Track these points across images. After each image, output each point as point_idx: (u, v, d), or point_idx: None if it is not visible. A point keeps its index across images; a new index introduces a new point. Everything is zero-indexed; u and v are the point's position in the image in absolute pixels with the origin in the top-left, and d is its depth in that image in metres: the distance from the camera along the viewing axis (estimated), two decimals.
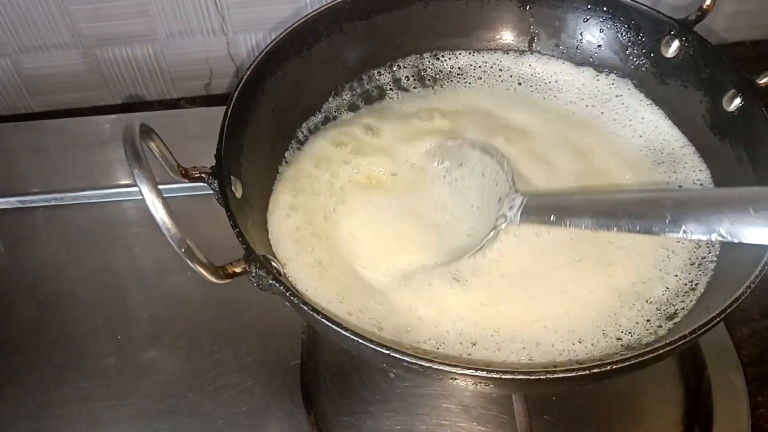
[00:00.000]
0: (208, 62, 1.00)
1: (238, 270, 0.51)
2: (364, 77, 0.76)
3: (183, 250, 0.46)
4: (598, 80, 0.75)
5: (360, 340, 0.48)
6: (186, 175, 0.56)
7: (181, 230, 0.46)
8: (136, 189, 0.44)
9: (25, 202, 0.89)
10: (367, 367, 0.69)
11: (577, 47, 0.77)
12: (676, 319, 0.57)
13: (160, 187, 0.45)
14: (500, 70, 0.78)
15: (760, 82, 0.64)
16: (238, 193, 0.59)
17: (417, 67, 0.78)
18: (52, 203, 0.89)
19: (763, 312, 0.77)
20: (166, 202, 0.45)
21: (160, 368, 0.73)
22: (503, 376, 0.46)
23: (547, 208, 0.57)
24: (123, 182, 0.88)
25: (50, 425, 0.70)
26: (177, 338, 0.75)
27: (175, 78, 1.01)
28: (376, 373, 0.70)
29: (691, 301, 0.58)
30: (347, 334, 0.48)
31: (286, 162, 0.70)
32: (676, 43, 0.70)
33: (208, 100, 1.03)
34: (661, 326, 0.57)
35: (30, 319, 0.78)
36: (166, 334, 0.75)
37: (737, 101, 0.65)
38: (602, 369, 0.46)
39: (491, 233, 0.60)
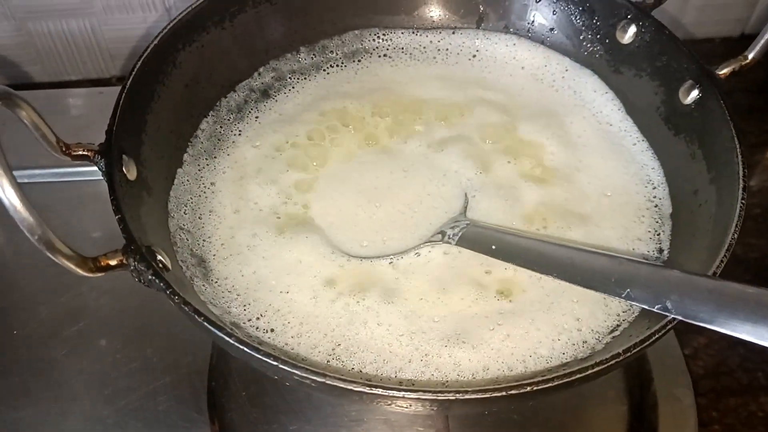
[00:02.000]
0: (149, 40, 0.93)
1: (113, 263, 0.44)
2: (291, 54, 0.69)
3: (37, 237, 0.39)
4: (550, 63, 0.70)
5: (245, 348, 0.41)
6: (68, 152, 0.49)
7: (35, 215, 0.39)
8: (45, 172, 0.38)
9: None
10: None
11: (528, 30, 0.71)
12: (616, 332, 0.51)
13: (54, 170, 0.39)
14: (446, 50, 0.72)
15: (720, 72, 0.58)
16: (131, 175, 0.52)
17: (353, 45, 0.71)
18: None
19: None
20: (16, 181, 0.38)
21: (57, 367, 0.67)
22: (407, 396, 0.40)
23: (490, 240, 0.54)
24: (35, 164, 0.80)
25: None
26: (77, 335, 0.68)
27: (114, 55, 0.95)
28: None
29: (633, 313, 0.53)
30: (230, 340, 0.41)
31: (202, 145, 0.63)
32: (632, 29, 0.65)
33: None
34: (599, 340, 0.52)
35: None
36: (65, 329, 0.69)
37: (694, 93, 0.59)
38: (520, 391, 0.40)
39: (423, 244, 0.56)
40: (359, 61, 0.71)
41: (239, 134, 0.65)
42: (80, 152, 0.50)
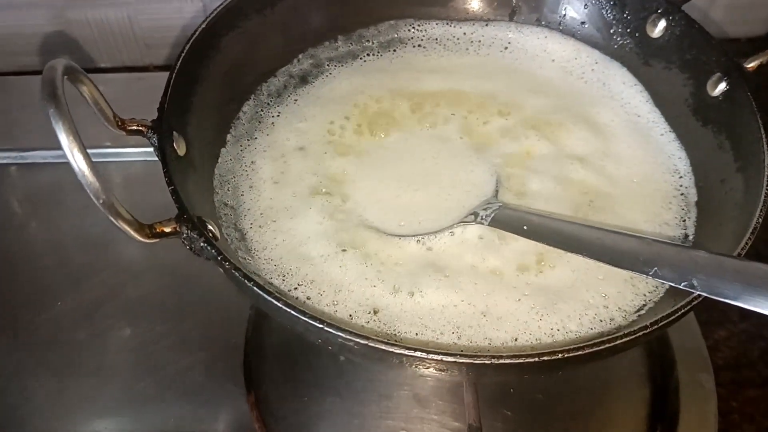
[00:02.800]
0: (184, 29, 0.97)
1: (167, 230, 0.47)
2: (329, 42, 0.72)
3: (101, 201, 0.42)
4: (580, 56, 0.71)
5: (292, 312, 0.43)
6: (123, 126, 0.52)
7: (101, 180, 0.41)
8: (94, 152, 0.41)
9: None
10: (315, 349, 0.65)
11: (559, 23, 0.73)
12: (642, 311, 0.53)
13: (115, 149, 0.41)
14: (479, 41, 0.74)
15: (749, 65, 0.60)
16: (181, 151, 0.55)
17: (388, 35, 0.74)
18: (7, 161, 0.84)
19: (741, 314, 0.73)
20: (85, 149, 0.41)
21: (98, 339, 0.69)
22: (444, 359, 0.42)
23: (521, 221, 0.56)
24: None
25: None
26: (119, 309, 0.71)
27: (150, 45, 0.98)
28: (325, 356, 0.66)
29: (659, 294, 0.54)
30: (278, 304, 0.44)
31: (244, 127, 0.65)
32: (662, 23, 0.66)
33: None
34: (626, 318, 0.53)
35: None
36: (109, 304, 0.71)
37: (722, 86, 0.61)
38: (552, 357, 0.42)
39: (456, 225, 0.58)
40: (394, 50, 0.74)
41: (278, 116, 0.67)
42: (134, 127, 0.52)
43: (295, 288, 0.55)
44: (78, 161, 0.41)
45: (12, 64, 0.97)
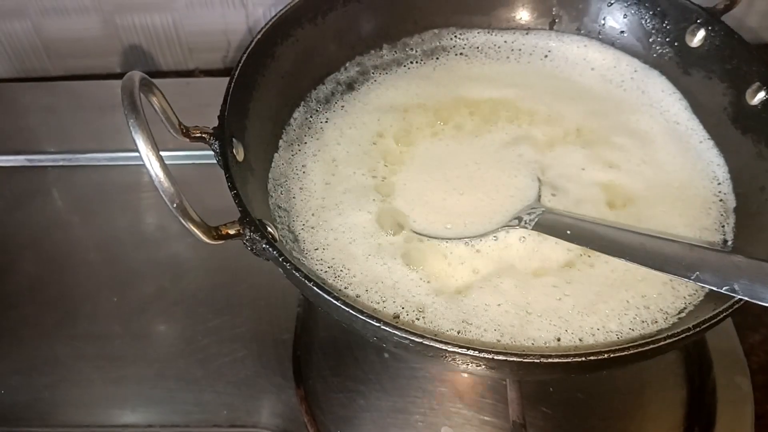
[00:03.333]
0: (227, 35, 0.99)
1: (231, 232, 0.49)
2: (375, 51, 0.74)
3: (175, 205, 0.45)
4: (619, 64, 0.73)
5: (350, 311, 0.46)
6: (187, 134, 0.55)
7: (175, 185, 0.44)
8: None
9: (33, 160, 0.88)
10: (361, 345, 0.68)
11: (599, 32, 0.75)
12: (682, 314, 0.55)
13: (166, 153, 0.44)
14: (519, 49, 0.76)
15: None
16: (240, 156, 0.58)
17: (432, 43, 0.76)
18: (61, 163, 0.88)
19: None
20: (161, 157, 0.44)
21: (153, 333, 0.72)
22: (495, 357, 0.44)
23: (564, 225, 0.58)
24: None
25: (41, 381, 0.69)
26: (173, 304, 0.74)
27: (192, 49, 1.01)
28: (370, 352, 0.68)
29: (699, 297, 0.56)
30: (338, 303, 0.46)
31: (295, 132, 0.68)
32: (701, 33, 0.68)
33: (224, 73, 1.02)
34: (666, 321, 0.55)
35: (29, 276, 0.77)
36: (161, 300, 0.74)
37: (762, 95, 0.62)
38: (598, 357, 0.44)
39: (500, 228, 0.60)
40: (437, 58, 0.76)
41: (326, 122, 0.70)
42: (198, 134, 0.55)
43: (345, 287, 0.57)
44: (155, 168, 0.44)
45: (61, 68, 1.01)
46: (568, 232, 0.57)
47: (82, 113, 0.92)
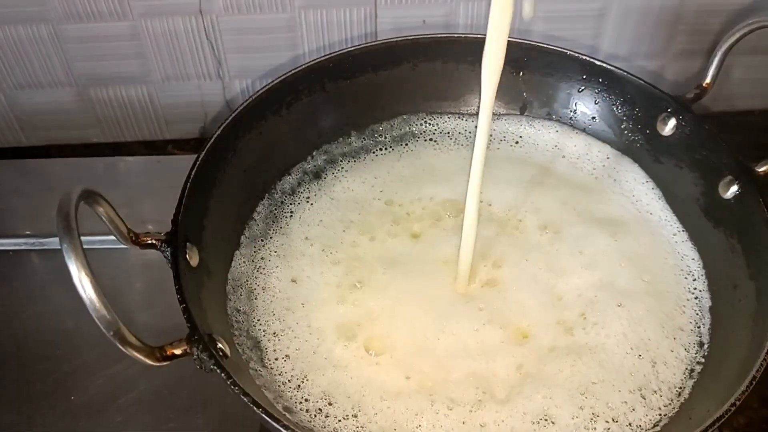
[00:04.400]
0: (204, 106, 0.98)
1: (178, 352, 0.47)
2: (342, 138, 0.73)
3: (112, 333, 0.42)
4: (591, 150, 0.72)
5: None
6: (137, 241, 0.53)
7: (111, 312, 0.42)
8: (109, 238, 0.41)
9: None
10: None
11: (570, 117, 0.74)
12: (657, 428, 0.52)
13: None
14: (490, 135, 0.74)
15: (760, 170, 0.60)
16: (194, 261, 0.56)
17: (401, 129, 0.75)
18: (23, 247, 0.86)
19: (761, 401, 0.72)
20: (96, 282, 0.42)
21: None
22: None
23: None
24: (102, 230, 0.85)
25: None
26: (133, 403, 0.70)
27: (169, 121, 0.99)
28: None
29: (674, 408, 0.54)
30: None
31: (258, 227, 0.66)
32: (672, 122, 0.67)
33: (200, 145, 1.00)
34: None
35: None
36: (121, 398, 0.71)
37: (734, 188, 0.61)
38: None
39: None
40: (406, 144, 0.75)
41: (292, 216, 0.68)
42: (148, 241, 0.53)
43: (306, 400, 0.55)
44: (89, 293, 0.42)
45: (35, 138, 1.00)
46: None
47: (51, 194, 0.89)
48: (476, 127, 0.73)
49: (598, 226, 0.66)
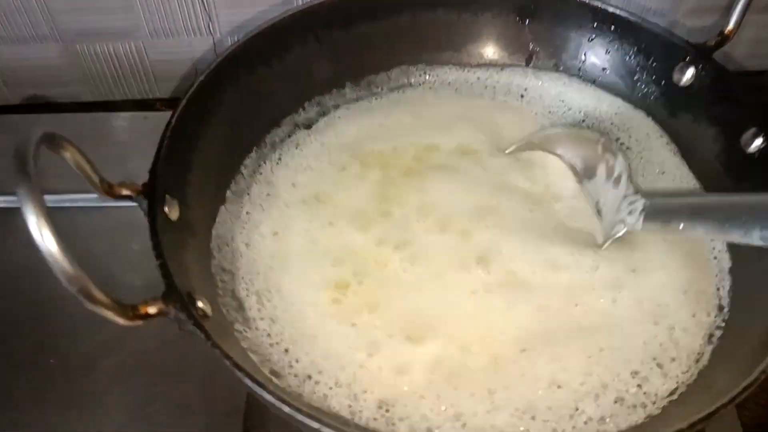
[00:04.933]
0: (194, 63, 0.94)
1: (152, 311, 0.43)
2: (336, 90, 0.69)
3: (76, 289, 0.38)
4: (600, 105, 0.67)
5: (285, 407, 0.40)
6: (111, 192, 0.49)
7: (75, 265, 0.38)
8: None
9: None
10: None
11: (579, 69, 0.69)
12: (673, 396, 0.49)
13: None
14: (494, 87, 0.70)
15: None
16: (174, 215, 0.52)
17: (399, 80, 0.70)
18: (3, 204, 0.82)
19: None
20: (55, 232, 0.38)
21: (94, 400, 0.66)
22: None
23: (672, 212, 0.51)
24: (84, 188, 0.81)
25: None
26: (115, 367, 0.67)
27: (158, 77, 0.96)
28: None
29: (692, 375, 0.50)
30: (271, 398, 0.40)
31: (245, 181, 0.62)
32: (690, 71, 0.62)
33: None
34: (655, 402, 0.49)
35: None
36: (104, 361, 0.68)
37: (758, 142, 0.57)
38: None
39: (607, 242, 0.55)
40: (404, 92, 0.70)
41: (280, 166, 0.64)
42: (123, 192, 0.49)
43: (292, 365, 0.51)
44: (49, 244, 0.38)
45: (20, 96, 0.96)
46: (681, 225, 0.50)
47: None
48: (479, 78, 0.70)
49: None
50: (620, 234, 0.54)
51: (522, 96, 0.69)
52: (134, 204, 0.50)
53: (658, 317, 0.53)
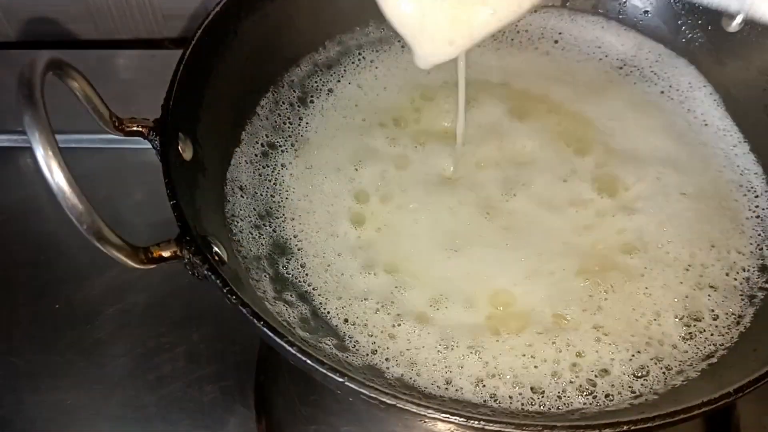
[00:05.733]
0: (204, 1, 0.90)
1: (166, 254, 0.41)
2: (359, 28, 0.64)
3: (86, 226, 0.35)
4: (640, 51, 0.63)
5: (307, 360, 0.37)
6: (120, 127, 0.45)
7: (84, 201, 0.35)
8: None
9: None
10: None
11: (619, 11, 0.65)
12: (713, 360, 0.46)
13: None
14: (526, 31, 0.66)
15: None
16: (187, 155, 0.48)
17: None
18: (7, 144, 0.79)
19: None
20: (65, 166, 0.34)
21: (99, 348, 0.64)
22: (475, 424, 0.35)
23: None
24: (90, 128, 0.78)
25: None
26: (122, 314, 0.65)
27: (166, 16, 0.92)
28: None
29: (732, 337, 0.47)
30: (292, 350, 0.38)
31: (261, 123, 0.58)
32: (741, 16, 0.58)
33: None
34: (692, 364, 0.46)
35: None
36: (110, 308, 0.66)
37: None
38: (616, 430, 0.35)
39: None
40: None
41: (303, 108, 0.60)
42: (134, 128, 0.46)
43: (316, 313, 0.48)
44: (57, 179, 0.35)
45: (23, 33, 0.92)
46: None
47: None
48: None
49: (640, 134, 0.59)
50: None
51: (557, 41, 0.65)
52: (142, 145, 0.47)
53: (695, 274, 0.51)
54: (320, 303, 0.50)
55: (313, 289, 0.50)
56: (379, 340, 0.48)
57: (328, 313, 0.49)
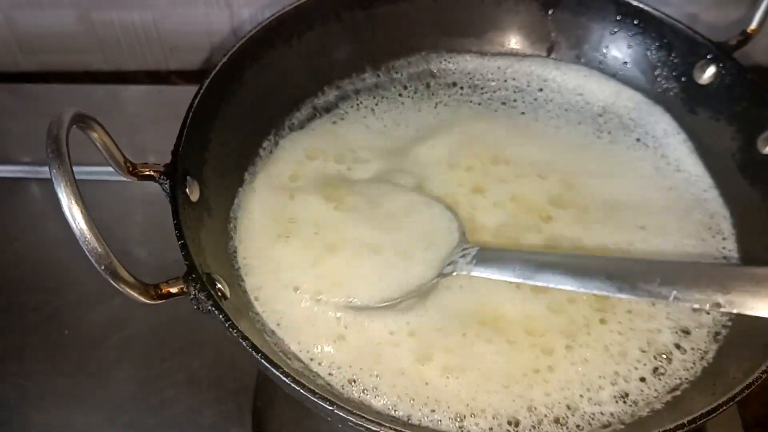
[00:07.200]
0: (210, 36, 0.94)
1: (174, 290, 0.44)
2: (356, 74, 0.69)
3: (103, 267, 0.39)
4: (619, 98, 0.67)
5: (300, 390, 0.41)
6: (134, 172, 0.49)
7: (103, 245, 0.39)
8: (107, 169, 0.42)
9: None
10: None
11: (600, 62, 0.69)
12: (677, 392, 0.49)
13: None
14: (513, 78, 0.70)
15: None
16: (194, 196, 0.52)
17: (419, 67, 0.70)
18: (19, 175, 0.82)
19: None
20: (87, 212, 0.38)
21: (104, 372, 0.67)
22: None
23: (507, 261, 0.51)
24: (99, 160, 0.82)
25: None
26: (127, 340, 0.69)
27: (173, 48, 0.95)
28: None
29: (696, 371, 0.51)
30: (287, 380, 0.41)
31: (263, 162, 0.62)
32: (711, 69, 0.62)
33: (204, 77, 0.96)
34: (658, 397, 0.50)
35: None
36: (115, 334, 0.69)
37: None
38: None
39: (434, 280, 0.54)
40: (428, 86, 0.70)
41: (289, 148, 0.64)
42: (146, 172, 0.50)
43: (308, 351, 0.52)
44: (79, 224, 0.38)
45: (33, 63, 0.96)
46: (516, 268, 0.50)
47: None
48: (499, 67, 0.70)
49: (615, 177, 0.63)
50: (448, 274, 0.53)
51: (541, 90, 0.69)
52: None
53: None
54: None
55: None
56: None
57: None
